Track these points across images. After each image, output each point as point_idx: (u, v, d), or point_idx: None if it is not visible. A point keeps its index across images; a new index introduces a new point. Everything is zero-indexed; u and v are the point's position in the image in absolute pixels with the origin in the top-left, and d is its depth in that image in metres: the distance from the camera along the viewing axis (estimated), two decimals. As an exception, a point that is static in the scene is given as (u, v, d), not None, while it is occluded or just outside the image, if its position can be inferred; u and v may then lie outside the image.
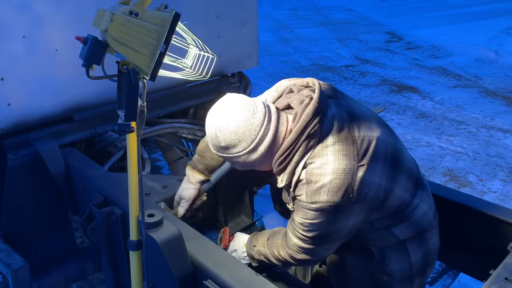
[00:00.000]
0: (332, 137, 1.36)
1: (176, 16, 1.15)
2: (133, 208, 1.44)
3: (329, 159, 1.34)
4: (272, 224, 3.02)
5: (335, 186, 1.32)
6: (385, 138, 1.44)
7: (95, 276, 2.84)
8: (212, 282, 1.41)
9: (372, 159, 1.37)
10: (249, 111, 1.37)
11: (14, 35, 2.01)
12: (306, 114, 1.35)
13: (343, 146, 1.35)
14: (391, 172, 1.42)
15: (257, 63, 3.13)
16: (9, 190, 2.12)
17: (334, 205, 1.33)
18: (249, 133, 1.37)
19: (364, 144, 1.37)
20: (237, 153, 1.40)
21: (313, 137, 1.36)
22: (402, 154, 1.51)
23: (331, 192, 1.32)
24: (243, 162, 1.44)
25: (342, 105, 1.45)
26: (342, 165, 1.33)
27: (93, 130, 2.38)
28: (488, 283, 1.35)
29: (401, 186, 1.46)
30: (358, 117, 1.44)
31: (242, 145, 1.38)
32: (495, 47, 8.39)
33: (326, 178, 1.33)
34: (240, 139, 1.37)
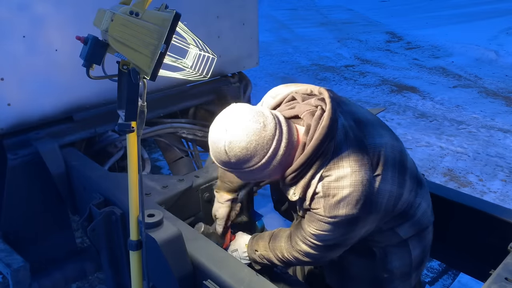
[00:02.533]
0: (345, 148, 1.32)
1: (176, 16, 1.15)
2: (133, 208, 1.44)
3: (346, 171, 1.30)
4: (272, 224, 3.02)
5: (354, 199, 1.29)
6: (392, 143, 1.44)
7: (95, 276, 2.84)
8: (212, 282, 1.41)
9: (384, 167, 1.35)
10: (260, 124, 1.29)
11: (14, 35, 2.01)
12: (323, 128, 1.30)
13: (358, 157, 1.31)
14: (400, 177, 1.41)
15: (257, 63, 3.13)
16: (9, 190, 2.12)
17: (352, 218, 1.32)
18: (261, 147, 1.28)
19: (376, 152, 1.36)
20: (249, 167, 1.32)
21: (329, 150, 1.32)
22: (406, 156, 1.51)
23: (350, 205, 1.30)
24: (253, 177, 1.40)
25: (347, 112, 1.41)
26: (359, 177, 1.30)
27: (93, 130, 2.38)
28: (488, 283, 1.35)
29: (407, 188, 1.46)
30: (364, 123, 1.41)
31: (255, 160, 1.30)
32: (495, 47, 8.39)
33: (345, 191, 1.29)
34: (253, 155, 1.29)
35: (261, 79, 7.08)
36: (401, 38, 9.98)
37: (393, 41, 9.76)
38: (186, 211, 2.00)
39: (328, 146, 1.31)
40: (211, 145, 1.36)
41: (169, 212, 1.76)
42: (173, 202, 1.93)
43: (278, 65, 8.09)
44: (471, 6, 12.62)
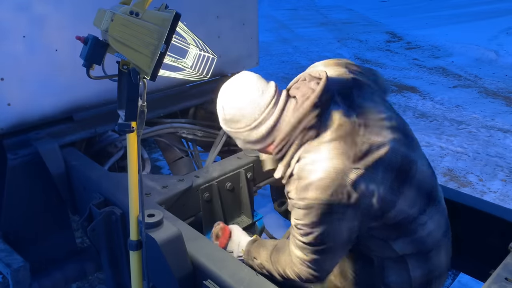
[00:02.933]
0: (331, 134, 1.32)
1: (176, 16, 1.15)
2: (133, 208, 1.44)
3: (322, 156, 1.30)
4: (272, 224, 3.03)
5: (324, 184, 1.27)
6: (395, 147, 1.36)
7: (95, 276, 2.84)
8: (212, 282, 1.41)
9: (371, 165, 1.30)
10: (258, 91, 1.39)
11: (14, 35, 2.01)
12: (303, 108, 1.34)
13: (340, 145, 1.30)
14: (395, 183, 1.35)
15: (257, 63, 3.13)
16: (9, 190, 2.12)
17: (322, 203, 1.28)
18: (252, 111, 1.37)
19: (365, 148, 1.31)
20: (239, 129, 1.41)
21: (309, 131, 1.34)
22: (416, 166, 1.42)
23: (319, 190, 1.28)
24: (244, 140, 1.45)
25: (354, 104, 1.39)
26: (334, 164, 1.28)
27: (93, 130, 2.37)
28: (488, 283, 1.35)
29: (407, 200, 1.39)
30: (369, 119, 1.37)
31: (244, 122, 1.39)
32: (495, 47, 8.40)
33: (316, 174, 1.29)
34: (244, 116, 1.38)
35: (261, 79, 7.07)
36: (401, 38, 9.98)
37: (393, 41, 9.76)
38: (186, 211, 2.01)
39: (309, 126, 1.34)
40: (217, 101, 1.47)
41: (169, 212, 1.76)
42: (173, 202, 1.93)
43: (278, 65, 8.09)
44: (471, 6, 12.62)
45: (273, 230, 2.69)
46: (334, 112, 1.35)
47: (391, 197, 1.35)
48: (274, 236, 2.54)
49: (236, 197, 2.12)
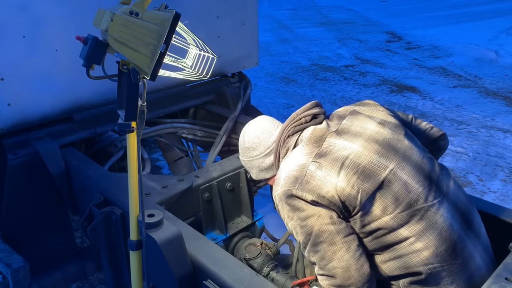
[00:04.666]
0: (305, 142, 1.54)
1: (176, 16, 1.15)
2: (133, 208, 1.44)
3: (292, 157, 1.52)
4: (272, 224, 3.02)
5: (288, 175, 1.46)
6: (361, 152, 1.44)
7: (95, 276, 2.84)
8: (212, 282, 1.41)
9: (330, 161, 1.43)
10: (274, 125, 1.70)
11: (14, 35, 2.01)
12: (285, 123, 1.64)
13: (308, 148, 1.50)
14: (359, 182, 1.39)
15: (257, 63, 3.13)
16: (9, 190, 2.12)
17: (286, 191, 1.43)
18: (267, 140, 1.67)
19: (328, 148, 1.47)
20: (255, 156, 1.69)
21: (288, 142, 1.59)
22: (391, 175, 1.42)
23: (284, 180, 1.46)
24: (258, 167, 1.71)
25: (341, 123, 1.58)
26: (299, 161, 1.47)
27: (93, 130, 2.38)
28: (488, 283, 1.35)
29: (379, 205, 1.39)
30: (347, 132, 1.53)
31: (260, 149, 1.67)
32: (495, 47, 8.39)
33: (284, 171, 1.49)
34: (260, 143, 1.67)
35: (261, 79, 7.08)
36: (401, 38, 9.98)
37: (393, 41, 9.76)
38: (186, 211, 2.01)
39: (286, 136, 1.60)
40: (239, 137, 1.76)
41: (169, 212, 1.76)
42: (173, 202, 1.93)
43: (278, 65, 8.09)
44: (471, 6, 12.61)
45: (273, 230, 2.69)
46: (314, 127, 1.58)
47: (355, 193, 1.39)
48: (274, 236, 2.54)
49: (236, 197, 2.12)
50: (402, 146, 1.51)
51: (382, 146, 1.48)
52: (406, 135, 1.56)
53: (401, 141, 1.52)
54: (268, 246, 1.97)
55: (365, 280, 1.40)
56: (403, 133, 1.56)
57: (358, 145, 1.47)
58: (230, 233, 2.05)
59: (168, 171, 3.22)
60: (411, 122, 1.74)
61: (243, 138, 1.71)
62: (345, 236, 1.40)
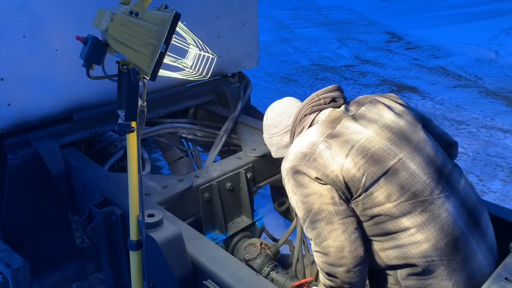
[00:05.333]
0: (321, 121, 1.58)
1: (176, 16, 1.16)
2: (133, 208, 1.44)
3: (306, 135, 1.56)
4: (272, 224, 3.02)
5: (298, 151, 1.50)
6: (372, 137, 1.47)
7: (95, 276, 2.84)
8: (212, 282, 1.41)
9: (340, 142, 1.46)
10: (295, 106, 1.75)
11: (14, 35, 2.01)
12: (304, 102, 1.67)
13: (322, 128, 1.54)
14: (365, 166, 1.41)
15: (257, 63, 3.13)
16: (9, 190, 2.12)
17: (294, 167, 1.48)
18: (287, 119, 1.73)
19: (342, 130, 1.50)
20: (275, 133, 1.76)
21: (305, 121, 1.62)
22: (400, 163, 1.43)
23: (293, 155, 1.51)
24: (278, 144, 1.78)
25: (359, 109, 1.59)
26: (310, 139, 1.52)
27: (93, 130, 2.38)
28: (488, 283, 1.35)
29: (383, 191, 1.40)
30: (364, 118, 1.55)
31: (280, 127, 1.75)
32: (495, 47, 8.39)
33: (295, 148, 1.53)
34: (280, 121, 1.74)
35: (261, 79, 7.08)
36: (401, 38, 9.98)
37: (393, 41, 9.76)
38: (186, 211, 2.01)
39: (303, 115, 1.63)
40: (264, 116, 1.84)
41: (169, 212, 1.76)
42: (173, 202, 1.93)
43: (278, 65, 8.09)
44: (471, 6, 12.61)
45: (273, 230, 2.69)
46: (332, 109, 1.61)
47: (359, 176, 1.41)
48: (274, 236, 2.54)
49: (236, 197, 2.12)
50: (416, 138, 1.53)
51: (395, 135, 1.50)
52: (423, 129, 1.58)
53: (416, 133, 1.55)
54: (268, 246, 1.97)
55: (357, 263, 1.42)
56: (420, 126, 1.58)
57: (371, 131, 1.49)
58: (230, 233, 2.05)
59: (168, 171, 3.23)
60: (429, 122, 1.74)
61: (267, 116, 1.79)
62: (344, 217, 1.42)
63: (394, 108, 1.61)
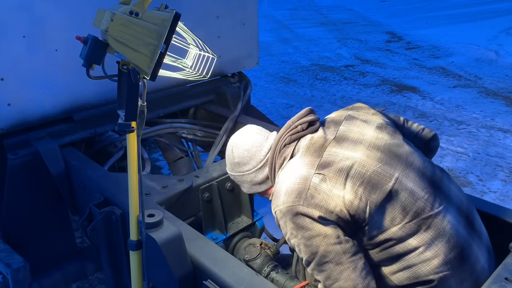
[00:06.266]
0: (304, 151, 1.47)
1: (176, 16, 1.15)
2: (133, 208, 1.44)
3: (292, 169, 1.45)
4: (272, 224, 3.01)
5: (290, 189, 1.38)
6: (365, 161, 1.40)
7: (95, 276, 2.84)
8: (212, 282, 1.41)
9: (334, 172, 1.37)
10: (263, 136, 1.62)
11: (14, 35, 2.01)
12: (279, 134, 1.55)
13: (309, 158, 1.44)
14: (366, 193, 1.36)
15: (257, 63, 3.13)
16: (9, 190, 2.12)
17: (290, 207, 1.36)
18: (259, 153, 1.58)
19: (330, 158, 1.41)
20: (247, 171, 1.61)
21: (285, 152, 1.51)
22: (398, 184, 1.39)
23: (286, 194, 1.38)
24: (251, 182, 1.62)
25: (338, 130, 1.52)
26: (300, 172, 1.40)
27: (93, 130, 2.38)
28: (488, 283, 1.35)
29: (387, 215, 1.37)
30: (347, 139, 1.47)
31: (252, 164, 1.59)
32: (495, 47, 8.39)
33: (285, 184, 1.41)
34: (251, 157, 1.59)
35: (261, 79, 7.08)
36: (401, 38, 9.97)
37: (393, 41, 9.76)
38: (186, 211, 2.01)
39: (282, 146, 1.52)
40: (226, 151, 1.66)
41: (169, 212, 1.76)
42: (173, 202, 1.93)
43: (278, 65, 8.09)
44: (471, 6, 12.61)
45: (273, 230, 2.68)
46: (311, 136, 1.52)
47: (363, 206, 1.35)
48: (274, 236, 2.54)
49: (236, 197, 2.12)
50: (404, 152, 1.48)
51: (384, 153, 1.44)
52: (404, 140, 1.53)
53: (402, 146, 1.50)
54: (268, 246, 1.96)
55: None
56: (401, 137, 1.54)
57: (360, 154, 1.42)
58: (230, 233, 2.05)
59: (168, 171, 3.23)
60: (403, 125, 1.71)
61: (232, 154, 1.62)
62: (352, 255, 1.37)
63: (371, 121, 1.55)
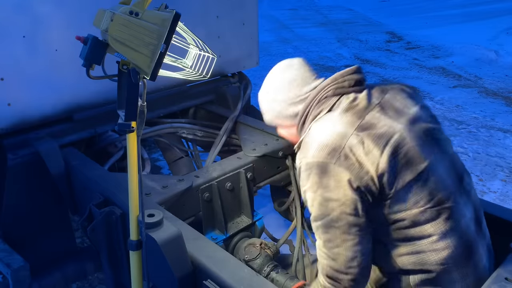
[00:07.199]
0: (345, 108, 1.41)
1: (176, 16, 1.15)
2: (133, 208, 1.44)
3: (330, 123, 1.40)
4: (272, 224, 3.02)
5: (324, 143, 1.34)
6: (405, 136, 1.36)
7: (95, 276, 2.84)
8: (212, 282, 1.41)
9: (374, 137, 1.32)
10: (312, 75, 1.54)
11: (14, 35, 2.00)
12: (325, 82, 1.48)
13: (349, 117, 1.38)
14: (399, 168, 1.32)
15: (257, 63, 3.13)
16: (9, 190, 2.12)
17: (319, 162, 1.33)
18: (301, 88, 1.50)
19: (373, 121, 1.36)
20: (280, 99, 1.52)
21: (325, 103, 1.44)
22: (430, 168, 1.36)
23: (319, 148, 1.35)
24: (279, 112, 1.54)
25: (383, 98, 1.45)
26: (338, 128, 1.36)
27: (93, 130, 2.37)
28: (488, 283, 1.35)
29: (412, 196, 1.34)
30: (391, 108, 1.42)
31: (289, 95, 1.51)
32: (495, 47, 8.40)
33: (319, 136, 1.37)
34: (293, 88, 1.51)
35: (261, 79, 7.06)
36: (401, 38, 9.98)
37: (393, 41, 9.76)
38: (186, 211, 2.00)
39: (324, 98, 1.45)
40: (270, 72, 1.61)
41: (169, 212, 1.76)
42: (173, 202, 1.93)
43: (278, 65, 8.08)
44: (471, 6, 12.61)
45: (273, 230, 2.69)
46: (355, 95, 1.44)
47: (391, 178, 1.32)
48: (274, 236, 2.54)
49: (236, 197, 2.12)
50: (441, 138, 1.46)
51: (425, 134, 1.41)
52: (441, 126, 1.52)
53: (441, 132, 1.48)
54: (268, 246, 1.97)
55: (364, 274, 1.39)
56: (440, 124, 1.52)
57: (403, 126, 1.37)
58: (230, 233, 2.05)
59: (168, 171, 3.22)
60: None
61: (275, 76, 1.55)
62: (361, 230, 1.35)
63: (416, 99, 1.50)
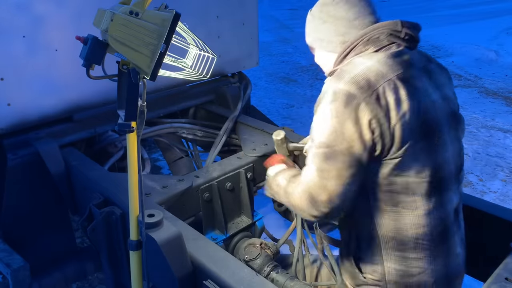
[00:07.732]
0: (393, 54, 1.36)
1: (176, 16, 1.16)
2: (133, 208, 1.44)
3: (376, 59, 1.34)
4: (272, 224, 3.02)
5: (361, 77, 1.29)
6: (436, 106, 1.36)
7: (95, 276, 2.84)
8: (212, 282, 1.41)
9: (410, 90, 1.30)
10: (376, 12, 1.51)
11: (14, 35, 2.01)
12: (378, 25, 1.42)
13: (394, 63, 1.33)
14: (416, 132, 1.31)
15: (257, 63, 3.13)
16: (9, 190, 2.12)
17: (350, 94, 1.27)
18: (358, 19, 1.44)
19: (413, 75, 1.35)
20: (337, 19, 1.46)
21: (375, 43, 1.38)
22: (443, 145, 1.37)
23: (354, 80, 1.29)
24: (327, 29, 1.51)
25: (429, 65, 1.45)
26: (381, 68, 1.31)
27: (93, 130, 2.38)
28: (488, 283, 1.35)
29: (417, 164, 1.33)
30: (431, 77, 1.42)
31: (348, 16, 1.44)
32: (495, 47, 8.40)
33: (357, 70, 1.32)
34: (345, 16, 1.44)
35: (261, 79, 7.08)
36: (401, 38, 9.97)
37: (393, 41, 9.76)
38: (186, 211, 2.01)
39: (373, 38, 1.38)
40: None
41: (169, 212, 1.76)
42: (173, 202, 1.93)
43: (278, 65, 8.09)
44: (471, 6, 12.62)
45: (273, 230, 2.69)
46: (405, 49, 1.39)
47: (406, 138, 1.29)
48: (274, 236, 2.54)
49: (236, 197, 2.12)
50: (461, 128, 1.49)
51: (451, 115, 1.42)
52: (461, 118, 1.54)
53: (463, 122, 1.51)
54: (268, 246, 1.97)
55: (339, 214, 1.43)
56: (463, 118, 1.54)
57: (437, 97, 1.38)
58: (230, 233, 2.05)
59: (168, 171, 3.23)
60: None
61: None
62: (358, 172, 1.31)
63: (452, 87, 1.52)
